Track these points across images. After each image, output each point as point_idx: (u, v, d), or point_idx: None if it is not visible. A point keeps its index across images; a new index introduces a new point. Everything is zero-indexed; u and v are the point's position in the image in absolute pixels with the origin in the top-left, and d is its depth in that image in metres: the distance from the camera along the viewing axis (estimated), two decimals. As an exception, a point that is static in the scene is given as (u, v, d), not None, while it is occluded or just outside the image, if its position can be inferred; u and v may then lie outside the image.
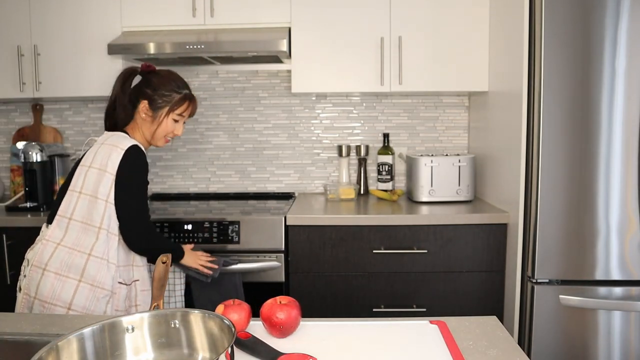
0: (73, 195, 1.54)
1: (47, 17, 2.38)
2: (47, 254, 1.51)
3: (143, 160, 1.59)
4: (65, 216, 1.53)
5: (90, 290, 1.50)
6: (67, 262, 1.50)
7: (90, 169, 1.54)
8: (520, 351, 0.93)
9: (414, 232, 2.10)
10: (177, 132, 1.69)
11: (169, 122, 1.66)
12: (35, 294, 1.50)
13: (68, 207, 1.54)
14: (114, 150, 1.55)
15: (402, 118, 2.74)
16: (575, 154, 1.79)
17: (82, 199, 1.53)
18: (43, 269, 1.50)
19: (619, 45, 1.74)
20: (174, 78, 1.68)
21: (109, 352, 0.84)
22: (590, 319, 1.83)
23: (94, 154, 1.57)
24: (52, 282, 1.49)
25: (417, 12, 2.32)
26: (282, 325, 0.97)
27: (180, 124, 1.70)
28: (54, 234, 1.54)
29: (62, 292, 1.49)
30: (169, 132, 1.68)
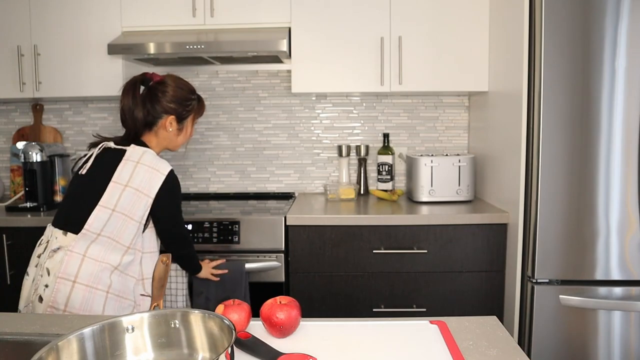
0: (105, 212, 1.52)
1: (47, 17, 2.38)
2: (75, 265, 1.49)
3: (179, 186, 1.67)
4: (95, 232, 1.52)
5: (117, 301, 1.52)
6: (95, 274, 1.49)
7: (127, 189, 1.53)
8: (520, 351, 0.93)
9: (414, 232, 2.10)
10: (192, 133, 1.79)
11: (191, 126, 1.74)
12: (65, 306, 1.47)
13: (99, 223, 1.52)
14: (155, 175, 1.56)
15: (402, 118, 2.74)
16: (575, 154, 1.79)
17: (115, 217, 1.52)
18: (73, 281, 1.48)
19: (619, 45, 1.74)
20: (184, 84, 1.71)
21: (109, 352, 0.84)
22: (590, 319, 1.83)
23: (131, 174, 1.55)
24: (84, 294, 1.48)
25: (417, 12, 2.32)
26: (282, 325, 0.97)
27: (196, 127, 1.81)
28: (78, 246, 1.51)
29: (93, 304, 1.48)
30: (188, 137, 1.76)
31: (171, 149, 1.74)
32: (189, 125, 1.73)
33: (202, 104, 1.77)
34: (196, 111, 1.73)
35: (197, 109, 1.73)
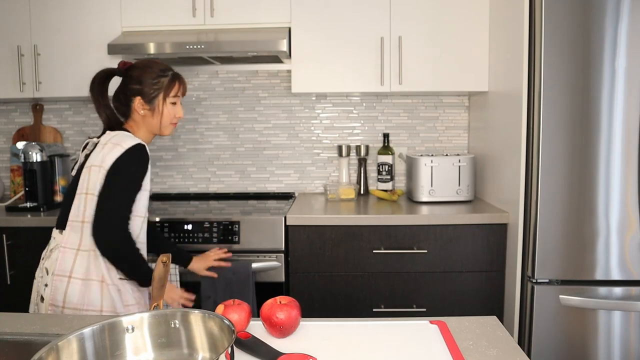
0: (81, 197, 1.51)
1: (47, 17, 2.38)
2: (69, 261, 1.49)
3: (144, 159, 1.53)
4: (77, 220, 1.51)
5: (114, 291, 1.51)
6: (87, 266, 1.49)
7: (92, 168, 1.51)
8: (520, 351, 0.93)
9: (414, 232, 2.10)
10: (179, 114, 1.65)
11: (168, 108, 1.62)
12: (63, 302, 1.47)
13: (78, 210, 1.51)
14: (115, 148, 1.50)
15: (402, 118, 2.74)
16: (575, 154, 1.79)
17: (90, 200, 1.50)
18: (68, 276, 1.47)
19: (619, 45, 1.74)
20: (154, 64, 1.63)
21: (109, 352, 0.84)
22: (590, 319, 1.82)
23: (97, 153, 1.53)
24: (80, 288, 1.47)
25: (417, 12, 2.32)
26: (282, 325, 0.97)
27: (179, 105, 1.65)
28: (70, 240, 1.50)
29: (90, 296, 1.47)
30: (172, 117, 1.64)
31: (158, 133, 1.65)
32: (161, 104, 1.60)
33: (174, 81, 1.62)
34: (166, 89, 1.60)
35: (167, 86, 1.60)
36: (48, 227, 2.11)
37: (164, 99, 1.61)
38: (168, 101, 1.62)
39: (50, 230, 1.53)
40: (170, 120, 1.65)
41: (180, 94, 1.66)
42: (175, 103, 1.64)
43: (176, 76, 1.65)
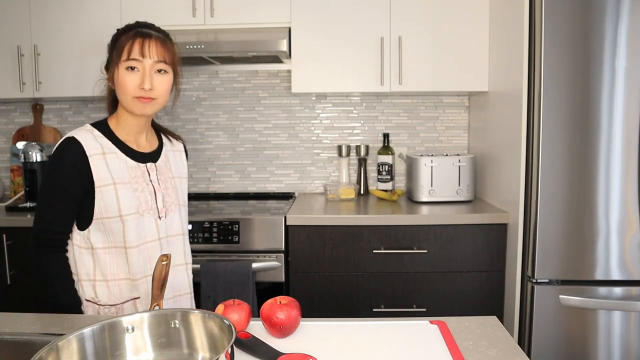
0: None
1: (47, 17, 2.38)
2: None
3: (61, 155, 1.27)
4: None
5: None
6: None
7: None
8: (520, 351, 0.93)
9: (414, 232, 2.10)
10: (144, 85, 1.26)
11: (121, 75, 1.27)
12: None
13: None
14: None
15: (402, 118, 2.74)
16: (575, 154, 1.79)
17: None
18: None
19: (619, 45, 1.74)
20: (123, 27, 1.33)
21: (109, 352, 0.83)
22: (590, 319, 1.82)
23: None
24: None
25: (417, 12, 2.32)
26: (282, 325, 0.97)
27: (139, 74, 1.27)
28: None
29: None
30: (129, 88, 1.27)
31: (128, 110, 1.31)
32: (117, 71, 1.28)
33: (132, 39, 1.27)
34: (118, 50, 1.28)
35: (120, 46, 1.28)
36: (48, 227, 2.13)
37: (117, 64, 1.28)
38: (121, 66, 1.27)
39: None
40: (131, 92, 1.27)
41: (137, 52, 1.26)
42: (135, 68, 1.27)
43: (126, 30, 1.30)
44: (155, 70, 1.29)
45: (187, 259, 1.47)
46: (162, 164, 1.42)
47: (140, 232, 1.32)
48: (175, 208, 1.42)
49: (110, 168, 1.29)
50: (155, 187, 1.37)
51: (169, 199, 1.40)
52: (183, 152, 1.53)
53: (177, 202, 1.43)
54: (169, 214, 1.39)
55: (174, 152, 1.48)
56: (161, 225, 1.37)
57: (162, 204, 1.38)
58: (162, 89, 1.31)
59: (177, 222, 1.42)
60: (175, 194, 1.43)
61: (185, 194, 1.49)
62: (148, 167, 1.38)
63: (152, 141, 1.44)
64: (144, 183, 1.35)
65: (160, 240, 1.37)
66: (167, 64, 1.31)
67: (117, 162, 1.31)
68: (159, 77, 1.30)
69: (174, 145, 1.50)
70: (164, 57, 1.29)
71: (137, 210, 1.31)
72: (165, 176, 1.41)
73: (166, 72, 1.32)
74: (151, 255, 1.35)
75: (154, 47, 1.28)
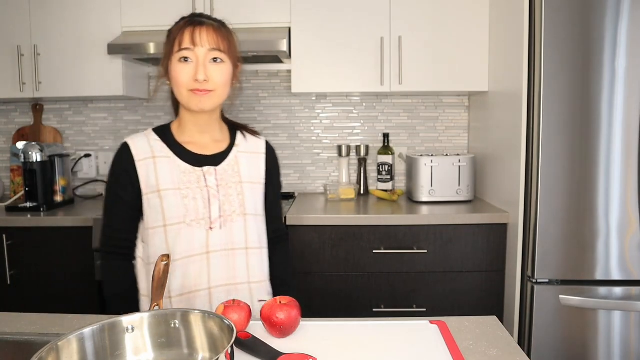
0: None
1: (47, 17, 2.37)
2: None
3: (114, 161, 1.25)
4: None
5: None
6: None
7: None
8: (520, 351, 0.93)
9: (414, 232, 2.10)
10: (197, 76, 1.16)
11: (173, 67, 1.19)
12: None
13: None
14: None
15: (402, 118, 2.74)
16: (575, 154, 1.79)
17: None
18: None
19: (619, 45, 1.74)
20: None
21: (109, 352, 0.83)
22: (590, 319, 1.82)
23: None
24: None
25: (417, 12, 2.32)
26: (282, 325, 0.97)
27: (193, 64, 1.17)
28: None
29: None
30: (182, 80, 1.18)
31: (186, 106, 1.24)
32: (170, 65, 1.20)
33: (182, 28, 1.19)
34: (171, 44, 1.20)
35: (173, 39, 1.20)
36: (48, 227, 2.13)
37: (170, 56, 1.20)
38: (174, 58, 1.18)
39: (50, 230, 1.52)
40: (185, 85, 1.18)
41: (188, 41, 1.17)
42: (188, 59, 1.17)
43: (186, 22, 1.20)
44: (209, 60, 1.18)
45: (250, 276, 1.26)
46: (227, 168, 1.26)
47: (186, 244, 1.20)
48: (238, 218, 1.24)
49: (159, 173, 1.21)
50: (210, 194, 1.22)
51: (229, 207, 1.24)
52: (262, 154, 1.34)
53: (242, 211, 1.25)
54: (228, 224, 1.23)
55: (248, 154, 1.31)
56: (213, 237, 1.22)
57: (217, 212, 1.22)
58: (219, 79, 1.19)
59: (239, 234, 1.24)
60: (240, 201, 1.25)
61: (258, 202, 1.30)
62: (205, 171, 1.23)
63: (221, 142, 1.30)
64: (198, 189, 1.21)
65: (210, 254, 1.22)
66: (222, 52, 1.19)
67: (167, 166, 1.21)
68: (215, 67, 1.19)
69: (251, 146, 1.33)
70: (217, 45, 1.18)
71: (183, 219, 1.20)
72: (228, 181, 1.25)
73: (222, 61, 1.20)
74: (191, 271, 1.20)
75: (205, 34, 1.17)
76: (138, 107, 2.76)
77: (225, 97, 1.26)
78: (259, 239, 1.29)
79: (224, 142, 1.31)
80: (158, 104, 2.75)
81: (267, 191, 1.34)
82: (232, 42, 1.24)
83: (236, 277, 1.24)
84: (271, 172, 1.36)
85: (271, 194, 1.36)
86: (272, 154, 1.37)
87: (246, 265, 1.26)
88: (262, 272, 1.30)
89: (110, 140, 2.78)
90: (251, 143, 1.34)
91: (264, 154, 1.35)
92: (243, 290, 1.25)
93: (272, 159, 1.37)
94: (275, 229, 1.40)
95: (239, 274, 1.25)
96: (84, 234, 2.11)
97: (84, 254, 2.12)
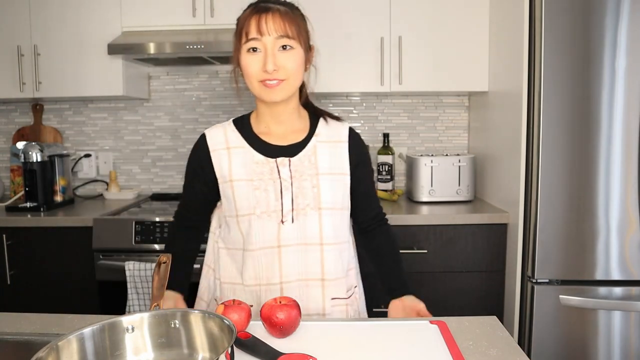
0: None
1: (47, 17, 2.37)
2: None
3: (193, 148, 1.31)
4: None
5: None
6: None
7: None
8: (520, 351, 0.93)
9: (413, 232, 2.10)
10: (266, 66, 1.11)
11: (243, 59, 1.15)
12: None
13: None
14: None
15: (402, 118, 2.74)
16: (575, 154, 1.79)
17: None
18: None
19: (619, 46, 1.74)
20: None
21: (109, 352, 0.83)
22: (590, 319, 1.82)
23: None
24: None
25: (417, 12, 2.32)
26: (282, 325, 0.97)
27: (261, 54, 1.12)
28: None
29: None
30: (251, 72, 1.14)
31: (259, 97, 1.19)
32: (240, 56, 1.16)
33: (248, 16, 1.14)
34: (239, 34, 1.16)
35: (240, 31, 1.15)
36: (48, 227, 2.13)
37: (239, 48, 1.16)
38: (243, 49, 1.14)
39: (50, 230, 1.52)
40: (255, 77, 1.14)
41: (254, 31, 1.12)
42: (257, 49, 1.13)
43: (251, 11, 1.14)
44: (278, 48, 1.12)
45: (325, 273, 1.21)
46: (303, 158, 1.21)
47: (257, 236, 1.19)
48: (312, 212, 1.19)
49: (232, 164, 1.20)
50: (283, 186, 1.18)
51: (303, 200, 1.19)
52: (344, 143, 1.25)
53: (317, 204, 1.19)
54: (300, 218, 1.19)
55: (328, 144, 1.24)
56: (285, 231, 1.18)
57: (290, 205, 1.18)
58: (290, 67, 1.13)
59: (312, 229, 1.19)
60: (315, 194, 1.19)
61: (338, 195, 1.23)
62: (278, 162, 1.19)
63: (299, 131, 1.24)
64: (270, 180, 1.18)
65: (281, 248, 1.19)
66: (290, 38, 1.12)
67: (241, 157, 1.20)
68: (284, 55, 1.13)
69: (333, 134, 1.26)
70: (285, 32, 1.12)
71: (253, 211, 1.18)
72: (303, 173, 1.19)
73: (292, 47, 1.13)
74: (263, 263, 1.19)
75: (271, 21, 1.11)
76: (138, 107, 2.76)
77: (298, 84, 1.20)
78: (336, 234, 1.23)
79: (302, 131, 1.25)
80: (158, 104, 2.75)
81: (355, 182, 1.26)
82: (302, 26, 1.17)
83: (308, 273, 1.21)
84: (357, 161, 1.27)
85: (362, 185, 1.28)
86: (356, 141, 1.28)
87: (320, 261, 1.21)
88: (339, 268, 1.24)
89: (110, 140, 2.78)
90: (333, 131, 1.26)
91: (346, 142, 1.26)
92: (315, 287, 1.21)
93: (357, 146, 1.28)
94: (373, 216, 1.34)
95: (312, 270, 1.21)
96: (84, 234, 2.11)
97: (84, 254, 2.12)
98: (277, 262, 1.19)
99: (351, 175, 1.25)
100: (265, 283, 1.20)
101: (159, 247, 2.07)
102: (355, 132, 1.30)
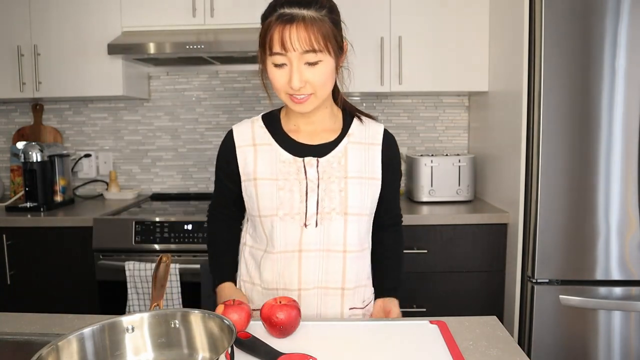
0: None
1: (47, 17, 2.37)
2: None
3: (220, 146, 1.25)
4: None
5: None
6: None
7: None
8: (520, 351, 0.93)
9: (414, 232, 2.10)
10: (292, 83, 1.06)
11: (269, 71, 1.11)
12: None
13: None
14: None
15: (402, 118, 2.73)
16: (575, 154, 1.79)
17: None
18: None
19: (619, 45, 1.74)
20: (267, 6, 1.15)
21: (109, 352, 0.83)
22: (590, 319, 1.82)
23: None
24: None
25: (417, 12, 2.32)
26: (282, 325, 0.97)
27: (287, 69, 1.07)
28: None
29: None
30: (278, 86, 1.10)
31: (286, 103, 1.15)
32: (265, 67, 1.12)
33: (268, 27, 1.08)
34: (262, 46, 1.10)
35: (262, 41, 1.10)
36: (48, 227, 2.13)
37: (264, 59, 1.11)
38: (268, 62, 1.09)
39: (50, 230, 1.52)
40: (282, 90, 1.10)
41: (278, 45, 1.05)
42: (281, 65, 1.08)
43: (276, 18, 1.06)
44: (305, 62, 1.06)
45: (345, 282, 1.16)
46: (333, 160, 1.15)
47: (279, 239, 1.14)
48: (337, 217, 1.14)
49: (258, 161, 1.15)
50: (309, 187, 1.13)
51: (328, 204, 1.13)
52: (378, 146, 1.20)
53: (343, 209, 1.14)
54: (325, 223, 1.13)
55: (361, 145, 1.18)
56: (307, 235, 1.13)
57: (314, 208, 1.13)
58: (317, 81, 1.07)
59: (336, 235, 1.14)
60: (341, 199, 1.14)
61: (367, 200, 1.17)
62: (306, 162, 1.14)
63: (331, 131, 1.19)
64: (296, 181, 1.13)
65: (302, 252, 1.14)
66: (317, 51, 1.05)
67: (267, 155, 1.16)
68: (311, 70, 1.06)
69: (367, 136, 1.20)
70: (311, 45, 1.04)
71: (276, 212, 1.13)
72: (331, 175, 1.14)
73: (320, 60, 1.06)
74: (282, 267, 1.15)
75: (295, 35, 1.03)
76: (138, 107, 2.76)
77: (328, 92, 1.13)
78: (360, 241, 1.18)
79: (334, 131, 1.19)
80: (158, 104, 2.75)
81: (384, 188, 1.21)
82: (331, 31, 1.08)
83: (328, 281, 1.16)
84: (388, 165, 1.21)
85: (388, 190, 1.23)
86: (390, 144, 1.22)
87: (342, 269, 1.16)
88: (359, 276, 1.20)
89: (110, 140, 2.78)
90: (368, 132, 1.20)
91: (379, 145, 1.20)
92: (334, 296, 1.17)
93: (390, 150, 1.22)
94: (391, 217, 1.31)
95: (332, 278, 1.16)
96: (84, 234, 2.11)
97: (84, 254, 2.12)
98: (297, 267, 1.14)
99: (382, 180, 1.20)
100: (282, 288, 1.16)
101: (159, 247, 2.08)
102: (390, 134, 1.24)
